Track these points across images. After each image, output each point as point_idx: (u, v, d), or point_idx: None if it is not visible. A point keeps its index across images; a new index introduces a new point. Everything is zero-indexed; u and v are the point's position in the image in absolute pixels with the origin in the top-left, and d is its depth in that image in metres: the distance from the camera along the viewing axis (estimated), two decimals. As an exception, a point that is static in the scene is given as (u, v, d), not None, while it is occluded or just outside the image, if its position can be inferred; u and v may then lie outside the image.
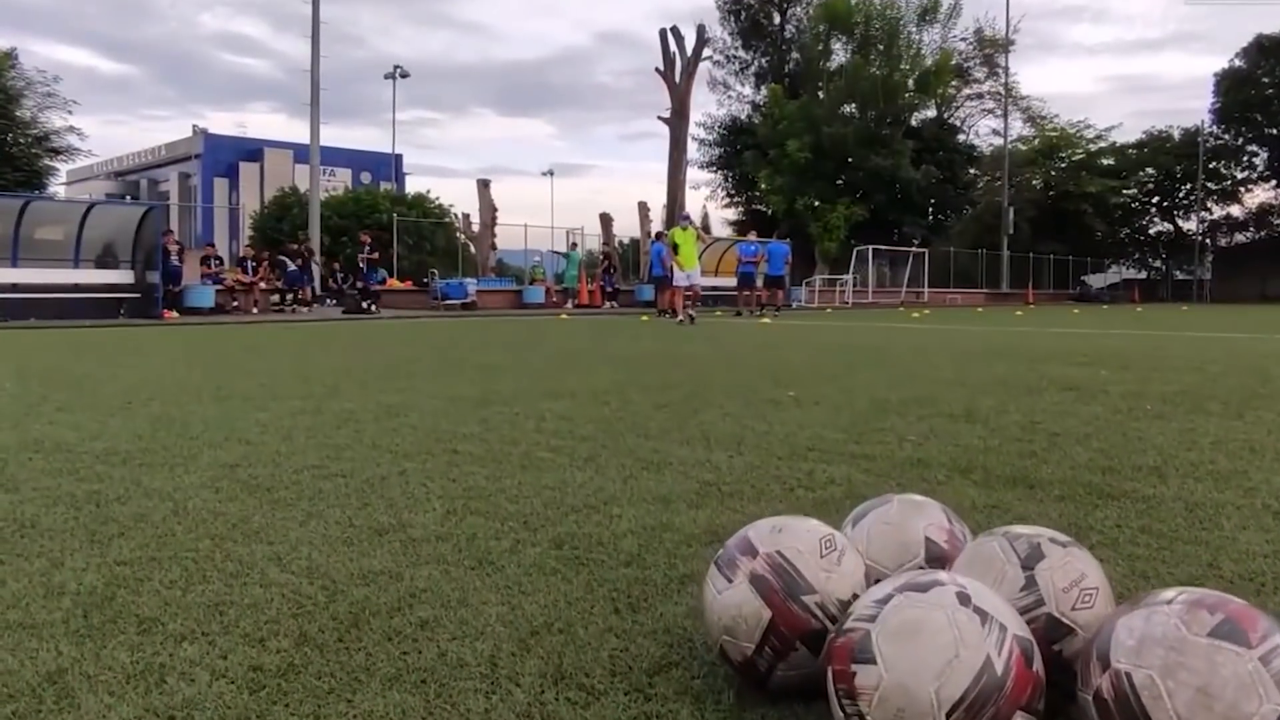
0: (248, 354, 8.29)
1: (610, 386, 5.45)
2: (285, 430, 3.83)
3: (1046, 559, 1.31)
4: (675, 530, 2.32)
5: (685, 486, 2.81)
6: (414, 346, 9.30)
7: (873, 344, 9.88)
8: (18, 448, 3.38)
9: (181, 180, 54.67)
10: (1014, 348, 9.10)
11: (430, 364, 7.09)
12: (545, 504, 2.58)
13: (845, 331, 13.30)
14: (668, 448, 3.46)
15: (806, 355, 8.11)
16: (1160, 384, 5.65)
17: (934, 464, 3.17)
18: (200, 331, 13.19)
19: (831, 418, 4.23)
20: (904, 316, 20.87)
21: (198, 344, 9.89)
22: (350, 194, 33.22)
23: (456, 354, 8.16)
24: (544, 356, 7.95)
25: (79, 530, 2.28)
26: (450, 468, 3.08)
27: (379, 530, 2.30)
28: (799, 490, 2.78)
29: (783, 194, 36.85)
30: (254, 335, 12.05)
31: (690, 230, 16.75)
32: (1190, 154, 53.62)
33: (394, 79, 47.94)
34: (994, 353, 8.36)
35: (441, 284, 23.88)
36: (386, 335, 11.96)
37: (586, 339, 10.92)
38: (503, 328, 14.52)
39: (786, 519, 1.45)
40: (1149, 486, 2.83)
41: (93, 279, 18.00)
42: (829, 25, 37.79)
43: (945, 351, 8.56)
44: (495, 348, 9.16)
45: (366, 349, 9.00)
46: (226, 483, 2.82)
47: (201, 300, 19.85)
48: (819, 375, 6.21)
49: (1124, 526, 2.39)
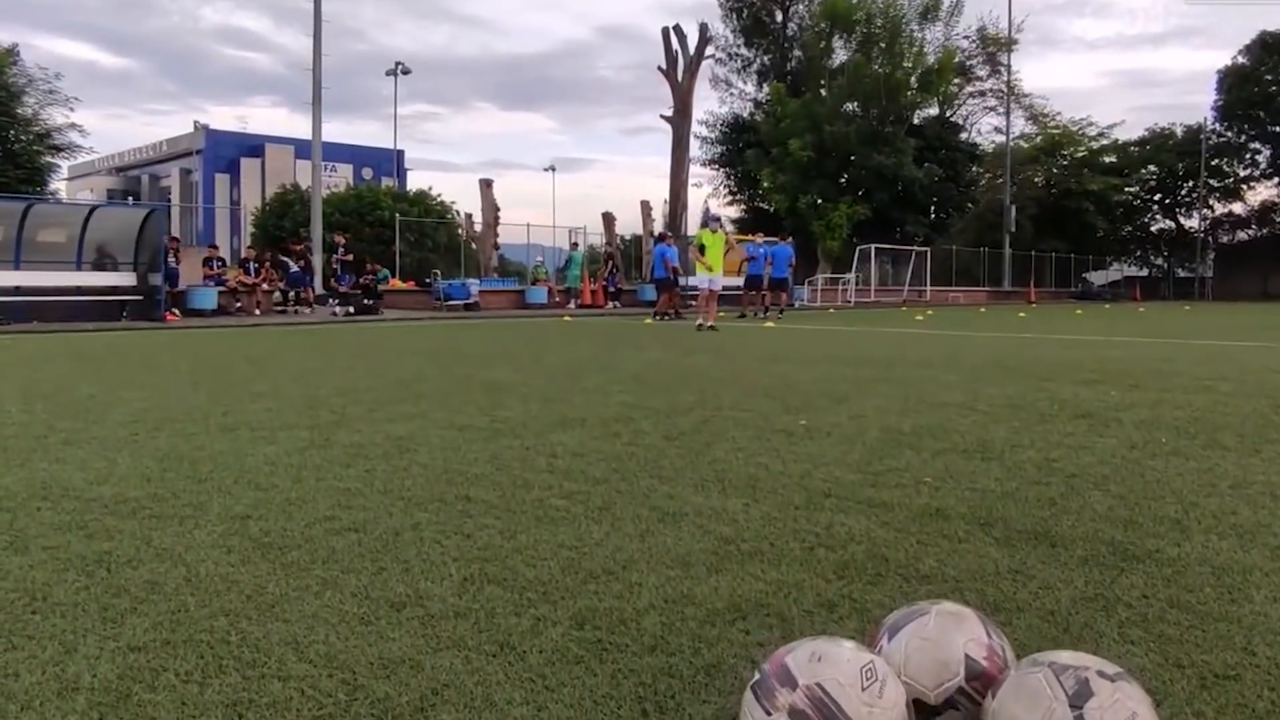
0: (252, 369, 8.25)
1: (619, 413, 5.41)
2: (294, 469, 3.80)
3: (1095, 697, 1.27)
4: (698, 604, 2.28)
5: (703, 544, 2.77)
6: (418, 360, 9.26)
7: (879, 356, 9.84)
8: (26, 495, 3.34)
9: (183, 176, 54.65)
10: (1021, 361, 9.06)
11: (436, 383, 7.05)
12: (563, 568, 2.54)
13: (850, 340, 13.28)
14: (682, 493, 3.42)
15: (814, 373, 8.07)
16: (1172, 408, 5.62)
17: (953, 514, 3.13)
18: (203, 337, 13.16)
19: (844, 453, 4.19)
20: (907, 318, 20.83)
21: (201, 355, 9.86)
22: (352, 191, 33.15)
23: (462, 370, 8.12)
24: (550, 372, 7.91)
25: (90, 604, 2.24)
26: (464, 519, 3.04)
27: (396, 604, 2.26)
28: (819, 550, 2.74)
29: (785, 192, 36.82)
30: (257, 343, 12.02)
31: (720, 234, 16.66)
32: (1193, 151, 53.52)
33: (395, 76, 47.81)
34: (1002, 368, 8.32)
35: (444, 284, 23.85)
36: (390, 344, 11.94)
37: (591, 348, 10.88)
38: (506, 334, 14.50)
39: (825, 644, 1.41)
40: (1172, 545, 2.79)
41: (95, 281, 17.98)
42: (831, 23, 37.71)
43: (953, 367, 8.53)
44: (500, 361, 9.12)
45: (370, 362, 8.96)
46: (238, 540, 2.79)
47: (204, 302, 19.83)
48: (828, 397, 6.17)
49: (1152, 598, 2.35)
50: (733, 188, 44.53)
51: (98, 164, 57.72)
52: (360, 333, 14.87)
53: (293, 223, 29.83)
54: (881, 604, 2.29)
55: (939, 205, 41.03)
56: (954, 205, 41.53)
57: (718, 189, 45.92)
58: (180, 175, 54.88)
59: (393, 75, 48.67)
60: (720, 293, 16.32)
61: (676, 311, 20.60)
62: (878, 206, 37.00)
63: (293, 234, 29.33)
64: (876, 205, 36.92)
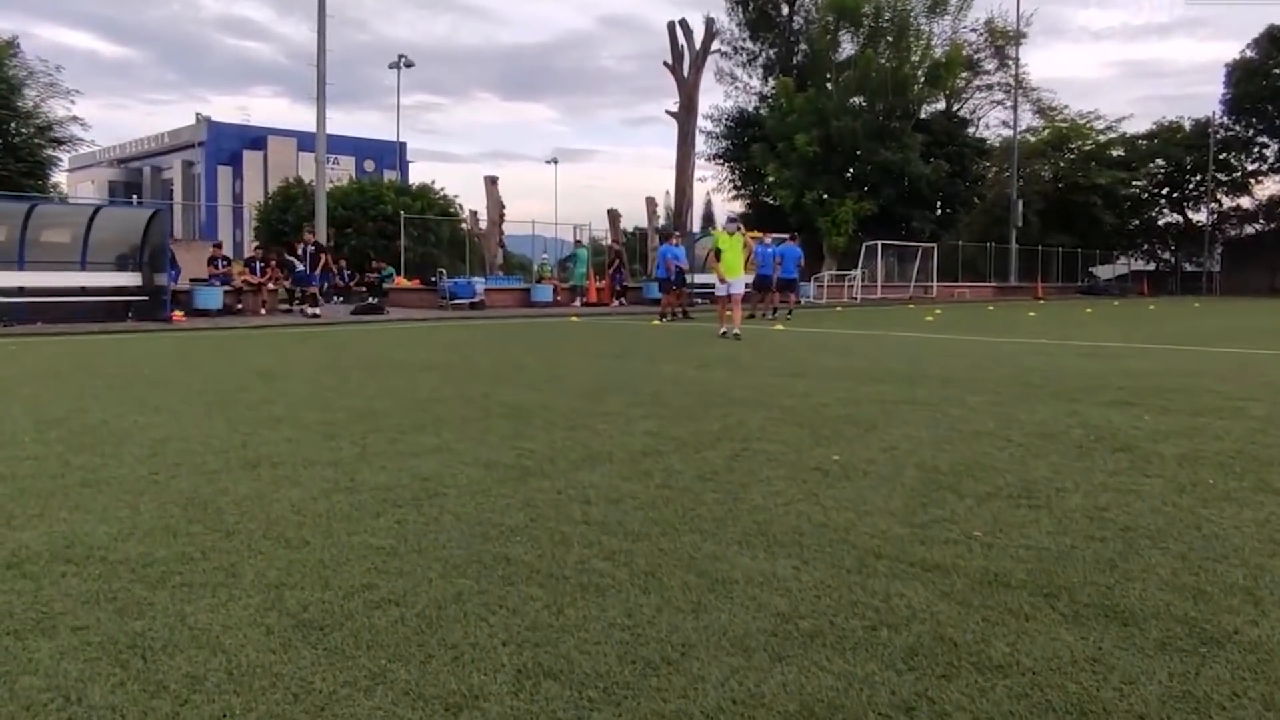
0: (265, 387, 8.14)
1: (646, 445, 5.30)
2: (323, 520, 3.68)
3: None
4: (768, 706, 2.16)
5: (760, 622, 2.66)
6: (431, 378, 9.15)
7: (899, 370, 9.72)
8: (49, 556, 3.22)
9: (185, 168, 54.46)
10: (1044, 377, 8.93)
11: (454, 405, 6.93)
12: (619, 656, 2.43)
13: (865, 348, 13.16)
14: (728, 552, 3.30)
15: (836, 392, 7.95)
16: (1210, 439, 5.50)
17: (1014, 582, 3.01)
18: (210, 342, 13.02)
19: (885, 498, 4.08)
20: (917, 318, 20.69)
21: (211, 367, 9.74)
22: (355, 184, 32.92)
23: (478, 388, 8.00)
24: (568, 392, 7.79)
25: (130, 709, 2.13)
26: (506, 588, 2.92)
27: (451, 705, 2.15)
28: (882, 630, 2.62)
29: (790, 188, 36.59)
30: (266, 352, 11.90)
31: (737, 236, 15.14)
32: (1200, 145, 53.29)
33: (399, 69, 47.59)
34: (1027, 386, 8.20)
35: (449, 283, 23.67)
36: (400, 354, 11.82)
37: (604, 360, 10.77)
38: (516, 340, 14.37)
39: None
40: (1249, 622, 2.68)
41: (100, 282, 17.84)
42: (837, 16, 37.37)
43: (976, 385, 8.41)
44: (515, 378, 9.02)
45: (383, 379, 8.85)
46: (276, 617, 2.67)
47: (209, 302, 19.69)
48: (857, 425, 6.06)
49: (1243, 696, 2.24)
50: (737, 182, 44.29)
51: (99, 155, 57.50)
52: (368, 336, 14.75)
53: (296, 217, 29.65)
54: (960, 705, 2.18)
55: (946, 201, 40.77)
56: (961, 201, 41.26)
57: (722, 184, 45.77)
58: (182, 167, 54.70)
59: (395, 67, 48.47)
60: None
61: (684, 311, 20.48)
62: (884, 202, 36.77)
63: (295, 229, 29.17)
64: (883, 201, 36.69)
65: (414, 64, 49.39)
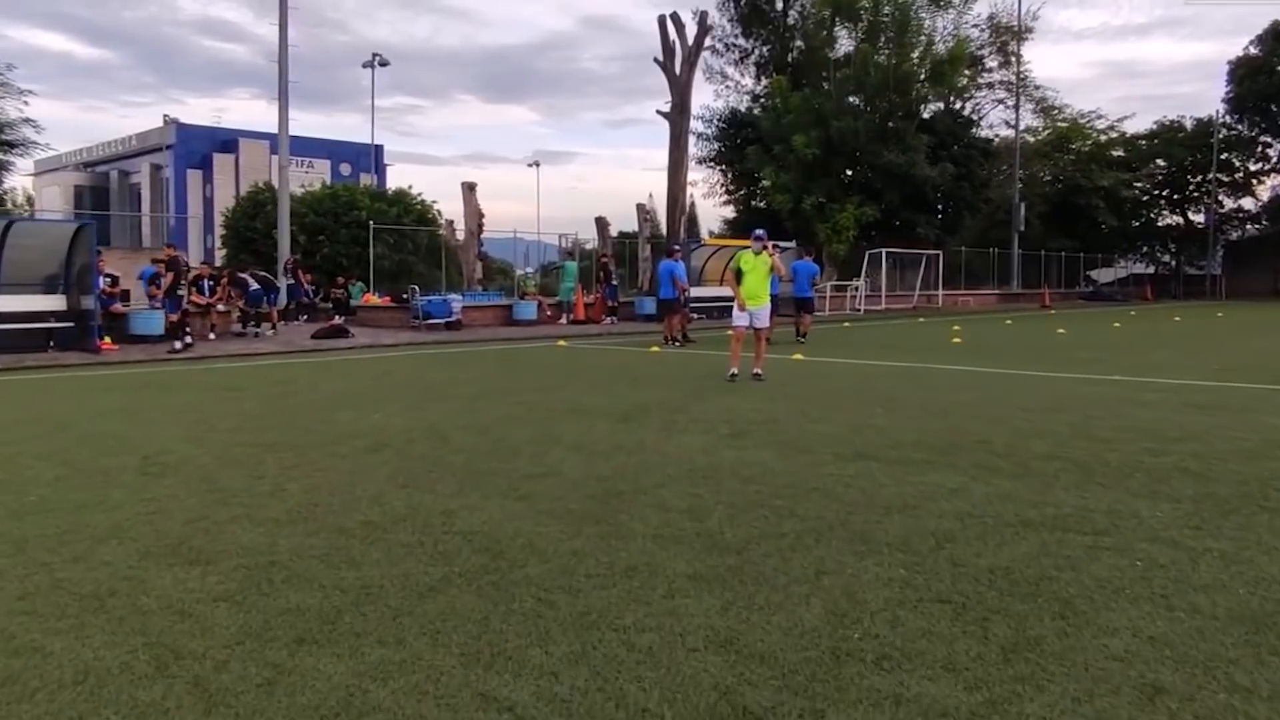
0: (121, 493, 5.91)
1: (716, 679, 3.14)
2: None
3: None
4: None
5: None
6: (378, 466, 6.99)
7: (993, 441, 7.56)
8: None
9: (153, 172, 51.82)
10: (1193, 453, 6.79)
11: (397, 552, 4.74)
12: None
13: (911, 389, 11.05)
14: None
15: (948, 499, 5.74)
16: None
17: None
18: (117, 393, 10.66)
19: None
20: (941, 338, 18.61)
21: (78, 442, 7.50)
22: (327, 189, 30.68)
23: (438, 499, 5.79)
24: (563, 511, 5.61)
25: None
26: None
27: None
28: None
29: (788, 192, 34.44)
30: (175, 411, 9.62)
31: (764, 255, 11.73)
32: (1202, 145, 51.78)
33: (373, 68, 45.28)
34: (1189, 473, 6.04)
35: (423, 301, 21.34)
36: (345, 411, 9.62)
37: (607, 423, 8.58)
38: (495, 388, 12.16)
39: None
40: None
41: (16, 307, 15.45)
42: (834, 10, 35.25)
43: (1123, 475, 6.26)
44: (492, 467, 6.85)
45: (309, 468, 6.66)
46: None
47: (149, 327, 17.36)
48: (1034, 598, 3.91)
49: None
50: (729, 187, 42.16)
51: (65, 159, 54.88)
52: (319, 377, 12.48)
53: (265, 223, 27.42)
54: None
55: (951, 205, 38.75)
56: (967, 205, 39.21)
57: (713, 188, 43.59)
58: (150, 171, 52.10)
59: (369, 66, 46.09)
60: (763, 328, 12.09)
61: (684, 335, 18.30)
62: (886, 207, 34.72)
63: (265, 234, 26.85)
64: (885, 206, 34.63)
65: (389, 63, 47.05)
